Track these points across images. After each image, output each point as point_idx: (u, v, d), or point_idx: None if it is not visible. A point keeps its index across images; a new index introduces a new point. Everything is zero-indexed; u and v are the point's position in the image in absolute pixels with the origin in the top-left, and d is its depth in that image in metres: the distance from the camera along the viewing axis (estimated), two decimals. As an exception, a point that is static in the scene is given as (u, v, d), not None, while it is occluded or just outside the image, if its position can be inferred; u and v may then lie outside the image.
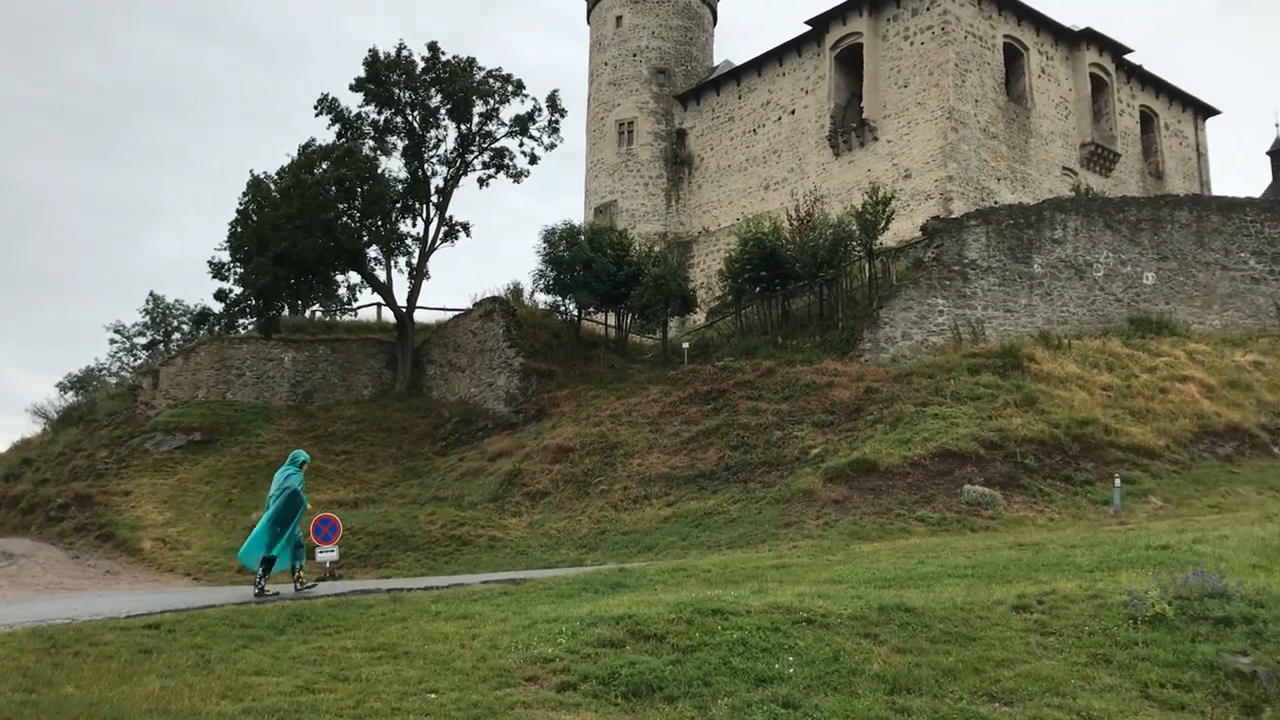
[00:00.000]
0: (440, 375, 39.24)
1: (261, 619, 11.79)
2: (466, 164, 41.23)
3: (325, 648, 10.03)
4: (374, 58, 39.42)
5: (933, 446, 23.73)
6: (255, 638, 10.82)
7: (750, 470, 25.29)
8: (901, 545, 18.40)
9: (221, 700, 8.09)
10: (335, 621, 11.72)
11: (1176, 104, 56.05)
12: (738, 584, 13.27)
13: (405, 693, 8.34)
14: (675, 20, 58.18)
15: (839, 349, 30.35)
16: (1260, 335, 32.55)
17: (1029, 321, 31.27)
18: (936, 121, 44.55)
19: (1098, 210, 33.67)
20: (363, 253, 39.17)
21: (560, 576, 15.46)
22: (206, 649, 10.11)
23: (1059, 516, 21.71)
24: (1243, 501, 22.49)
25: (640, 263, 35.72)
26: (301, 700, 8.07)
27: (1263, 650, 9.57)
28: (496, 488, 28.20)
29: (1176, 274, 33.46)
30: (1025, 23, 48.33)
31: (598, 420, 29.94)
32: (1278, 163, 59.48)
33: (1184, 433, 25.68)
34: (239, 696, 8.21)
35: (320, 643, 10.34)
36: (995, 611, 10.78)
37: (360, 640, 10.30)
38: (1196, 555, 13.50)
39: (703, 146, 55.54)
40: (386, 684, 8.58)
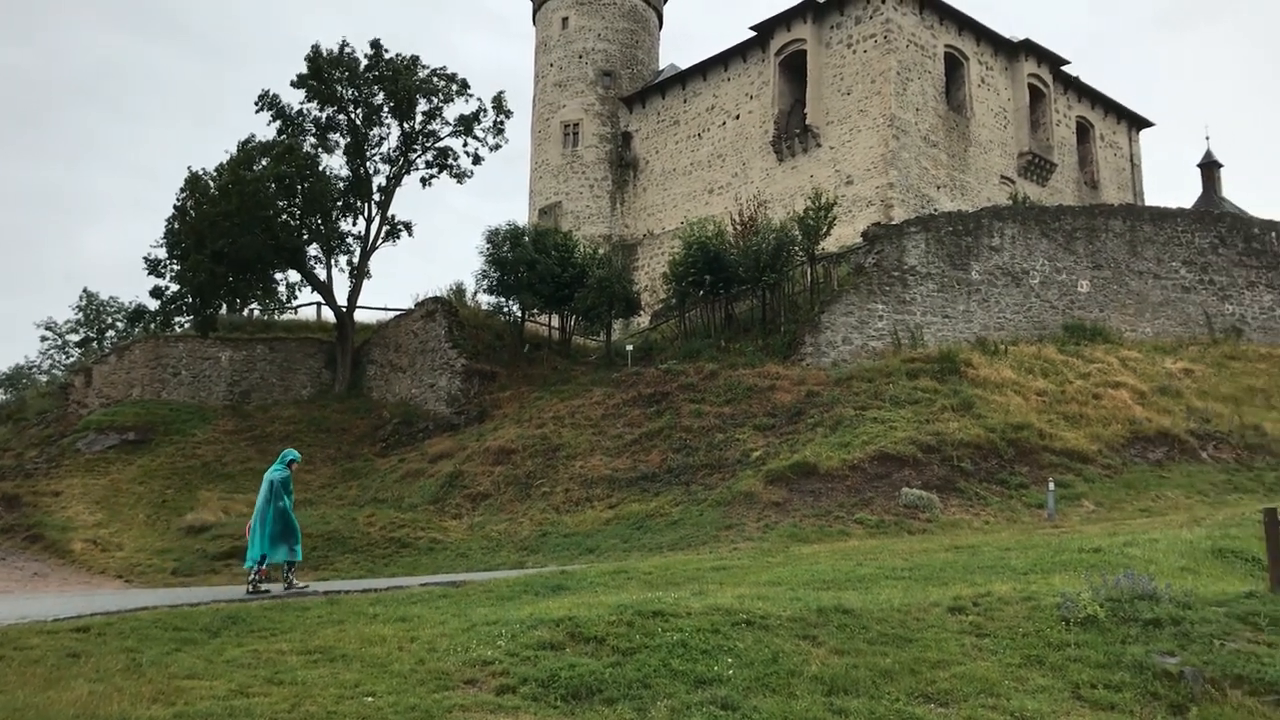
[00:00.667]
0: (381, 376, 38.88)
1: (195, 622, 11.59)
2: (409, 163, 40.95)
3: (260, 651, 9.88)
4: (316, 54, 38.98)
5: (872, 450, 23.99)
6: (188, 641, 10.63)
7: (692, 473, 25.38)
8: (840, 547, 18.57)
9: (152, 704, 7.93)
10: (271, 624, 11.55)
11: (1111, 115, 57.21)
12: (678, 586, 13.30)
13: (342, 696, 8.24)
14: (621, 23, 58.24)
15: (781, 353, 30.57)
16: (1190, 343, 33.32)
17: (967, 327, 31.73)
18: (878, 129, 45.05)
19: (1034, 219, 34.27)
20: (303, 251, 38.71)
21: (500, 579, 15.39)
22: (137, 652, 9.91)
23: (994, 519, 22.04)
24: (1172, 505, 23.01)
25: (585, 265, 35.70)
26: (235, 704, 7.94)
27: (1190, 651, 9.78)
28: (437, 489, 28.00)
29: (1110, 282, 34.14)
30: (966, 33, 49.06)
31: (540, 422, 29.86)
32: (1208, 175, 60.97)
33: (1116, 438, 26.20)
34: (170, 701, 8.05)
35: (255, 645, 10.19)
36: (931, 613, 10.91)
37: (296, 643, 10.16)
38: (1127, 558, 13.78)
39: (648, 149, 55.64)
40: (323, 687, 8.47)
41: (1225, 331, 34.22)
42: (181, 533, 27.25)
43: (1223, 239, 35.80)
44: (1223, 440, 27.05)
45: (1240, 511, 19.13)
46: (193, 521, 27.53)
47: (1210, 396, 29.03)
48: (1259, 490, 24.50)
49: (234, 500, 29.55)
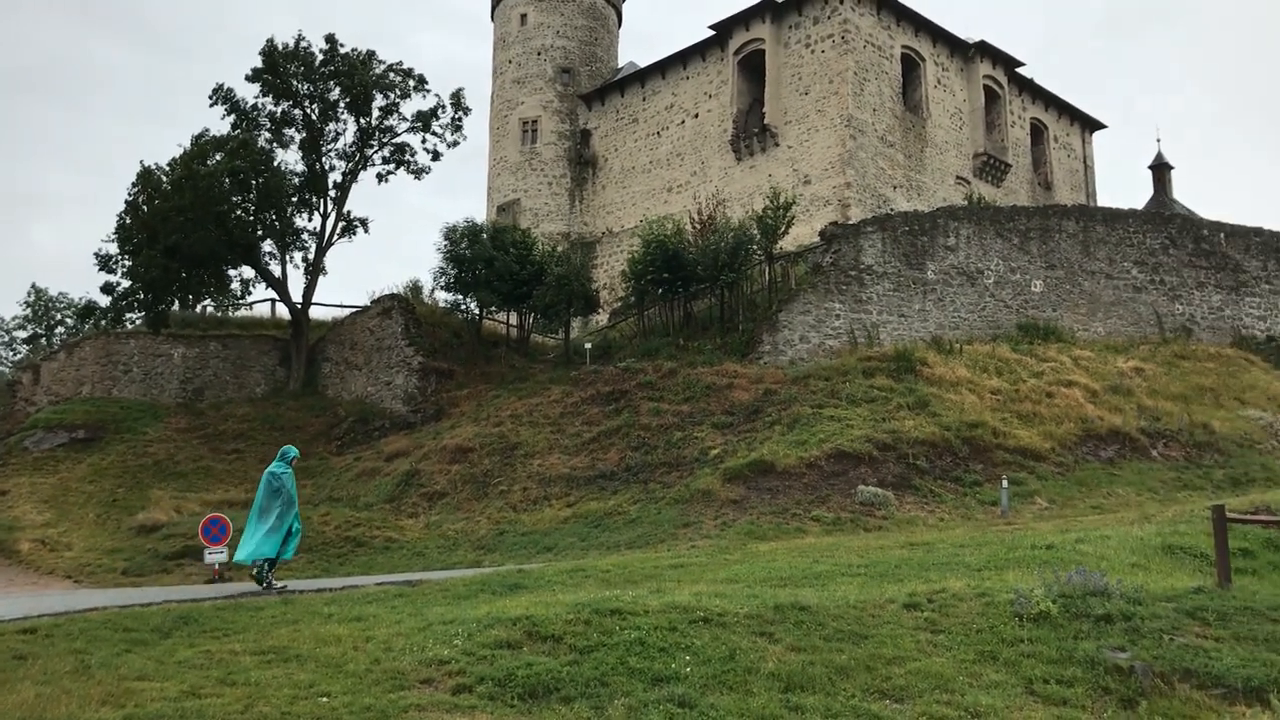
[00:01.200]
0: (336, 373, 38.55)
1: (146, 622, 11.43)
2: (366, 159, 40.66)
3: (213, 651, 9.76)
4: (271, 48, 38.57)
5: (828, 448, 24.13)
6: (139, 642, 10.48)
7: (650, 471, 25.39)
8: (797, 545, 18.66)
9: (102, 707, 7.81)
10: (223, 624, 11.42)
11: (1065, 117, 57.94)
12: (636, 584, 13.30)
13: (296, 696, 8.16)
14: (580, 20, 58.13)
15: (739, 351, 30.67)
16: (1141, 342, 33.82)
17: (922, 326, 32.00)
18: (836, 129, 45.30)
19: (989, 219, 34.62)
20: (257, 247, 38.30)
21: (457, 578, 15.31)
22: (86, 654, 9.75)
23: (949, 517, 22.25)
24: (1123, 503, 23.35)
25: (543, 262, 35.62)
26: (187, 705, 7.83)
27: (1140, 646, 9.93)
28: (393, 488, 27.81)
29: (1063, 282, 34.58)
30: (922, 34, 49.45)
31: (498, 420, 29.75)
32: (1159, 176, 61.90)
33: (1068, 436, 26.53)
34: (120, 703, 7.93)
35: (207, 646, 10.06)
36: (887, 610, 10.99)
37: (249, 643, 10.04)
38: (1079, 555, 13.96)
39: (607, 147, 55.58)
40: (276, 688, 8.38)
41: (1175, 331, 34.77)
42: (132, 532, 26.85)
43: (1173, 240, 36.37)
44: (1172, 438, 27.48)
45: (1189, 509, 19.44)
46: (144, 521, 27.13)
47: (1160, 395, 29.49)
48: (1207, 488, 24.93)
49: (186, 499, 29.19)
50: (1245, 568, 13.93)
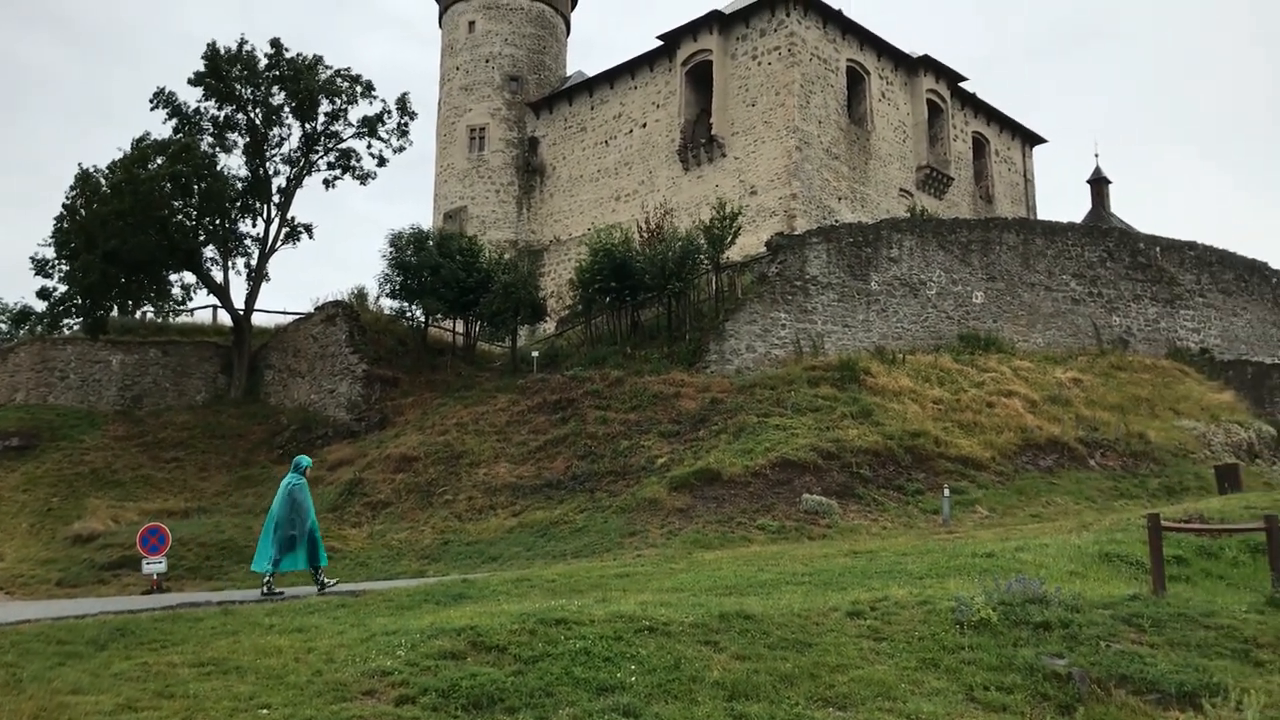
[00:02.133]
0: (279, 381, 38.08)
1: (80, 634, 11.19)
2: (311, 164, 40.24)
3: (150, 663, 9.58)
4: (214, 52, 38.05)
5: (774, 456, 24.28)
6: (73, 654, 10.26)
7: (597, 480, 25.38)
8: (742, 553, 18.74)
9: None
10: (161, 636, 11.21)
11: (1006, 132, 58.90)
12: (582, 593, 13.27)
13: (235, 709, 8.04)
14: (528, 28, 58.07)
15: (686, 360, 30.78)
16: (1079, 354, 34.45)
17: (866, 336, 32.34)
18: (782, 140, 45.66)
19: (932, 231, 35.10)
20: (199, 252, 37.76)
21: (401, 588, 15.18)
22: (18, 667, 9.52)
23: (892, 525, 22.48)
24: (1062, 511, 23.74)
25: (490, 270, 35.50)
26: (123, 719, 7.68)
27: (1077, 653, 10.10)
28: (336, 497, 27.51)
29: (1004, 294, 35.13)
30: (867, 48, 50.03)
31: (443, 429, 29.56)
32: (1097, 190, 63.23)
33: (1008, 445, 26.94)
34: (53, 717, 7.76)
35: (145, 658, 9.87)
36: (831, 618, 11.08)
37: (188, 655, 9.87)
38: (1019, 563, 14.17)
39: (555, 155, 55.54)
40: (215, 700, 8.25)
41: (1112, 342, 35.46)
42: (68, 542, 26.29)
43: (1111, 253, 37.11)
44: (1110, 448, 28.01)
45: (1126, 517, 19.81)
46: (80, 530, 26.58)
47: (1098, 405, 30.05)
48: (1143, 496, 25.45)
49: (124, 508, 28.66)
50: (1179, 575, 14.23)
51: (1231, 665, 9.97)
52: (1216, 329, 37.80)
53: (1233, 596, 12.62)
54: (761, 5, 47.51)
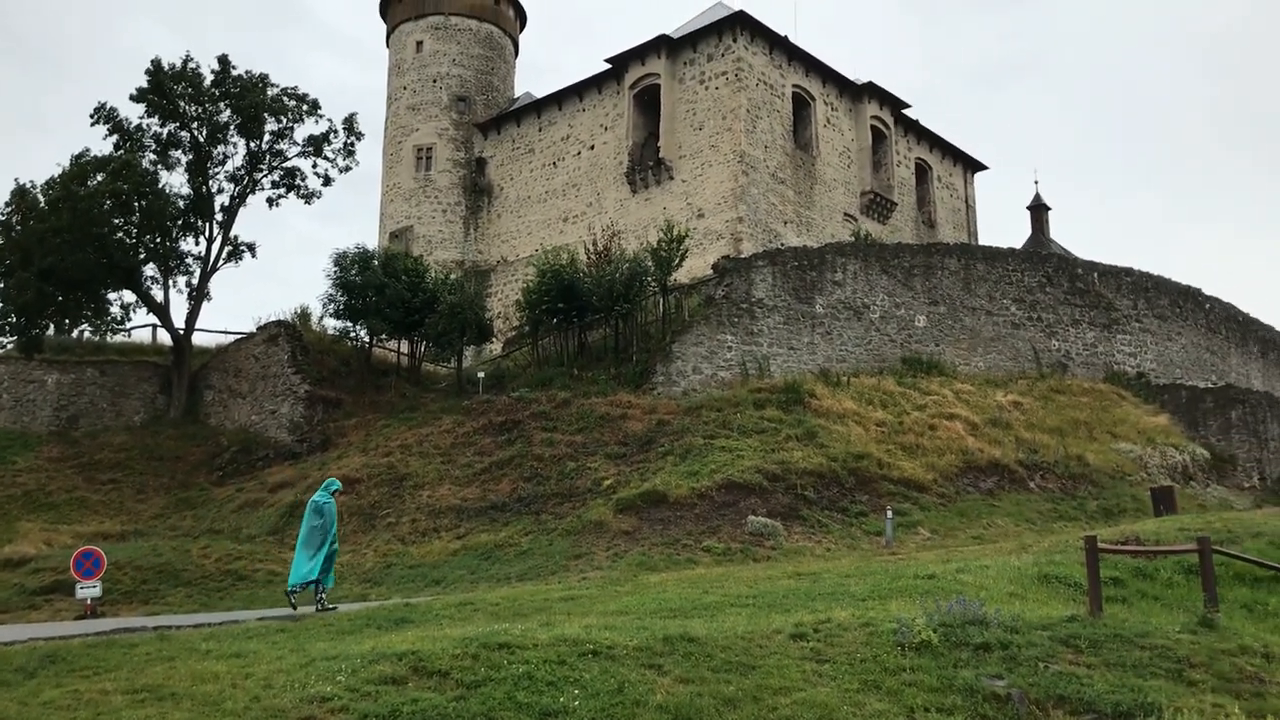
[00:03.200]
0: (219, 401, 37.52)
1: (9, 661, 10.89)
2: (255, 182, 39.84)
3: (81, 691, 9.36)
4: (158, 68, 37.60)
5: (719, 478, 24.35)
6: (1, 682, 10.00)
7: (543, 502, 25.28)
8: (688, 575, 18.75)
9: (-42, 753, 7.42)
10: (94, 662, 10.96)
11: (949, 158, 59.86)
12: (526, 617, 13.20)
13: (169, 738, 7.87)
14: (476, 49, 58.06)
15: (633, 381, 30.82)
16: (1019, 377, 34.99)
17: (811, 359, 32.60)
18: (729, 164, 46.02)
19: (875, 255, 35.52)
20: (139, 270, 37.20)
21: (342, 612, 14.99)
22: (-58, 697, 9.26)
23: (835, 546, 22.62)
24: (1002, 533, 24.05)
25: (436, 290, 35.32)
26: (51, 750, 7.50)
27: (1016, 674, 10.22)
28: (277, 520, 27.14)
29: (945, 318, 35.61)
30: (813, 74, 50.63)
31: (387, 450, 29.30)
32: (1036, 217, 64.46)
33: (950, 467, 27.26)
34: (-21, 748, 7.55)
35: (76, 686, 9.64)
36: (774, 640, 11.11)
37: (122, 682, 9.66)
38: (960, 584, 14.32)
39: (503, 176, 55.48)
40: (148, 729, 8.07)
41: (1051, 366, 36.07)
42: (-6, 567, 25.63)
43: (1050, 278, 37.80)
44: (1049, 470, 28.46)
45: (1064, 539, 20.11)
46: (10, 554, 25.92)
47: (1038, 428, 30.52)
48: (1081, 518, 25.86)
49: (58, 531, 28.02)
50: (1116, 596, 14.46)
51: (1165, 685, 10.15)
52: (1152, 353, 38.62)
53: (1167, 617, 12.86)
54: (709, 31, 47.95)
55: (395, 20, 59.29)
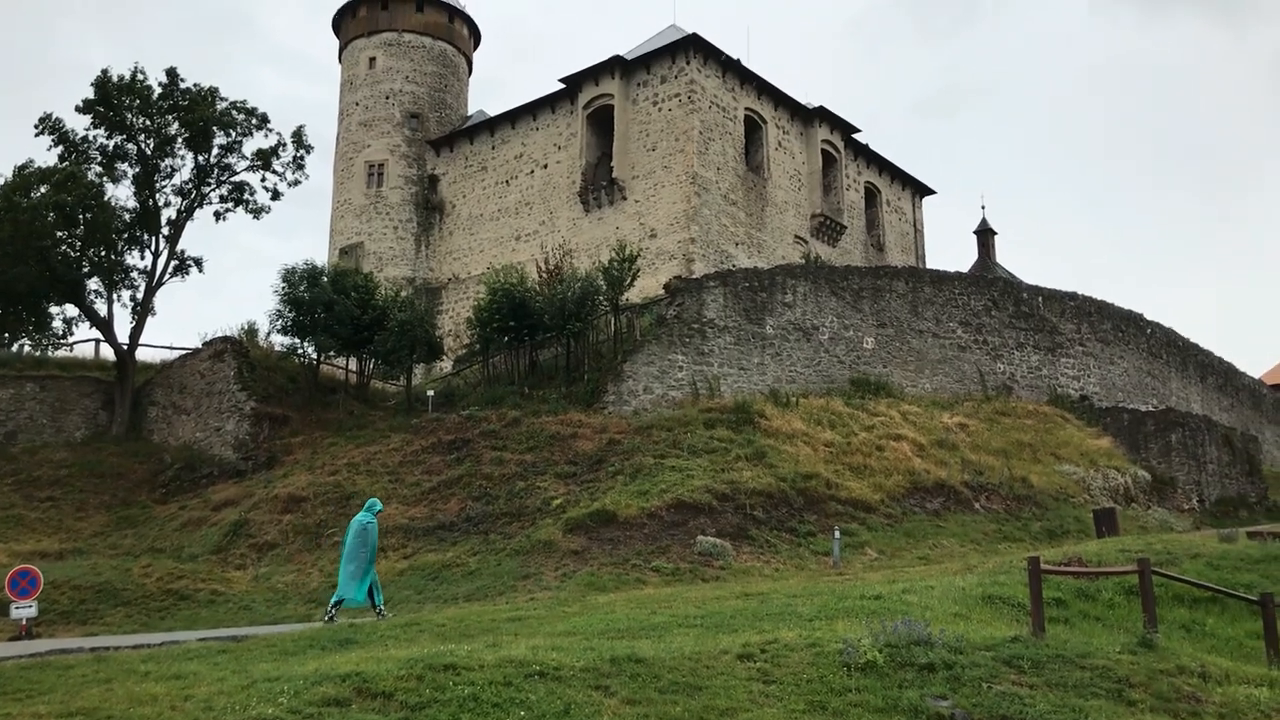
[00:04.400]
0: (163, 418, 36.92)
1: (-61, 686, 10.63)
2: (203, 196, 39.36)
3: (14, 714, 9.14)
4: (105, 79, 37.10)
5: (669, 498, 24.37)
6: (-70, 706, 9.74)
7: (491, 521, 25.14)
8: (636, 595, 18.72)
9: (-117, 779, 7.22)
10: (28, 685, 10.72)
11: (897, 183, 60.62)
12: (472, 638, 13.10)
13: (104, 762, 7.71)
14: (430, 66, 57.95)
15: (584, 400, 30.79)
16: (965, 399, 35.41)
17: (761, 379, 32.78)
18: (681, 185, 46.27)
19: (825, 278, 35.85)
20: (82, 284, 36.59)
21: (285, 633, 14.78)
22: None
23: (784, 566, 22.70)
24: (948, 553, 24.29)
25: (386, 307, 35.08)
26: (-19, 775, 7.32)
27: (960, 694, 10.31)
28: (220, 539, 26.74)
29: (893, 340, 35.99)
30: (765, 98, 51.10)
31: (334, 469, 29.01)
32: (983, 241, 65.42)
33: (897, 488, 27.51)
34: (-95, 774, 7.35)
35: (8, 709, 9.42)
36: (721, 661, 11.12)
37: (56, 705, 9.45)
38: (905, 605, 14.43)
39: (455, 194, 55.33)
40: (83, 753, 7.90)
41: (997, 389, 36.55)
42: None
43: (995, 302, 38.35)
44: (994, 491, 28.81)
45: (1008, 560, 20.34)
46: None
47: (983, 450, 30.89)
48: (1026, 539, 26.19)
49: (-8, 550, 27.35)
50: (1059, 616, 14.66)
51: (1106, 705, 10.30)
52: (1095, 377, 39.28)
53: (1108, 637, 13.06)
54: (663, 53, 48.26)
55: (348, 36, 59.05)
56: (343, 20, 59.72)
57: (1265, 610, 13.30)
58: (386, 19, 57.92)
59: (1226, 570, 18.23)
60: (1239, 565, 18.72)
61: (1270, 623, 13.22)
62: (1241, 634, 15.22)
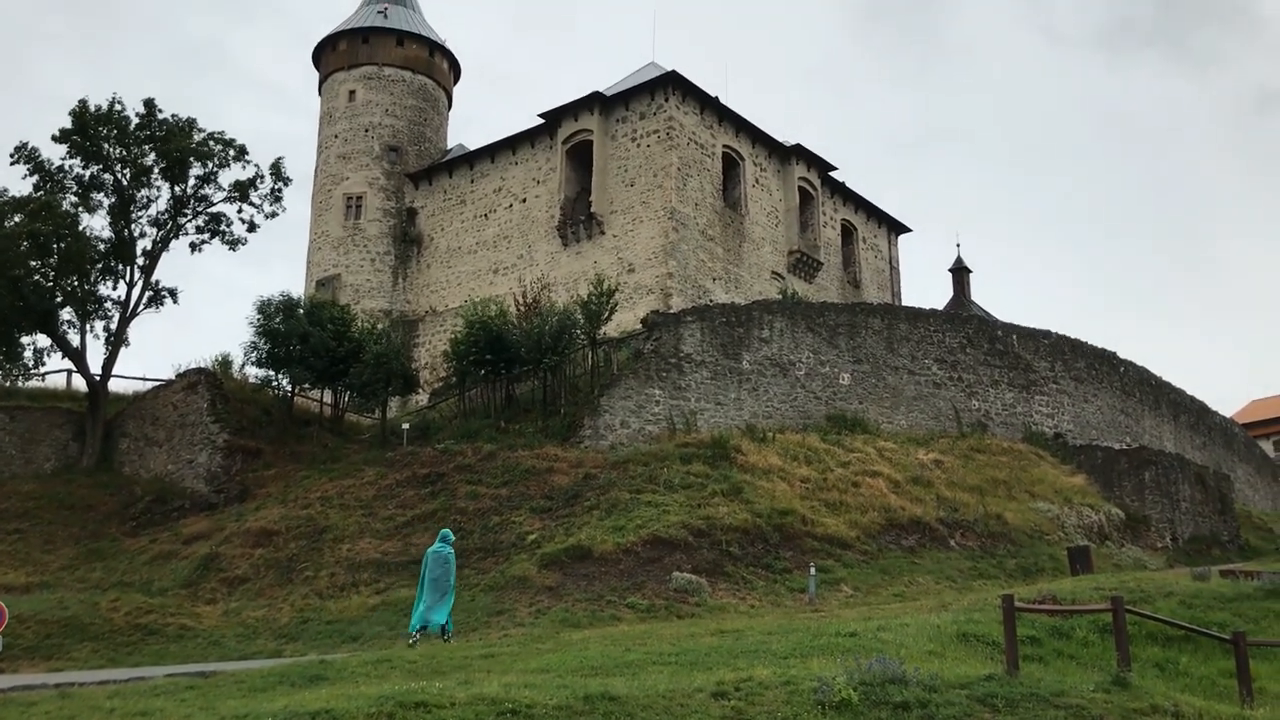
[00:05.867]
0: (135, 450, 36.54)
1: (-103, 722, 10.43)
2: (179, 227, 39.18)
3: (-27, 754, 8.97)
4: (83, 109, 36.98)
5: (645, 534, 24.28)
6: (-113, 744, 9.55)
7: (465, 556, 24.91)
8: (611, 632, 18.60)
9: None
10: (-12, 723, 10.53)
11: (873, 220, 61.04)
12: (444, 675, 12.97)
13: (65, 802, 7.57)
14: (410, 100, 58.13)
15: (560, 434, 30.70)
16: (940, 436, 35.53)
17: (737, 414, 32.80)
18: (659, 220, 46.46)
19: (801, 313, 36.01)
20: (55, 314, 36.27)
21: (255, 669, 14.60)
22: None
23: (759, 603, 22.62)
24: (923, 591, 24.27)
25: (362, 339, 34.95)
26: (-63, 816, 7.16)
27: (934, 732, 10.27)
28: (190, 572, 26.42)
29: (869, 376, 36.12)
30: (743, 135, 51.49)
31: (306, 502, 28.77)
32: (958, 279, 65.91)
33: (873, 524, 27.50)
34: None
35: (-32, 748, 9.25)
36: (695, 699, 11.04)
37: (17, 744, 9.29)
38: (880, 642, 14.39)
39: (433, 226, 55.35)
40: (43, 793, 7.75)
41: (972, 426, 36.70)
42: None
43: (970, 339, 38.59)
44: (969, 528, 28.85)
45: (983, 597, 20.34)
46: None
47: (958, 487, 30.96)
48: (1000, 576, 26.21)
49: (-43, 583, 26.92)
50: (1033, 654, 14.65)
51: (1079, 744, 10.27)
52: (1069, 414, 39.53)
53: (1082, 676, 13.04)
54: (641, 89, 48.61)
55: (329, 69, 59.20)
56: (323, 53, 59.87)
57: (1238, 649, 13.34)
58: (367, 52, 58.13)
59: (1199, 609, 18.30)
60: (1212, 604, 18.80)
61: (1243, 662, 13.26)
62: (1215, 673, 15.26)
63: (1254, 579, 21.04)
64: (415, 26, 59.80)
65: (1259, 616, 18.25)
